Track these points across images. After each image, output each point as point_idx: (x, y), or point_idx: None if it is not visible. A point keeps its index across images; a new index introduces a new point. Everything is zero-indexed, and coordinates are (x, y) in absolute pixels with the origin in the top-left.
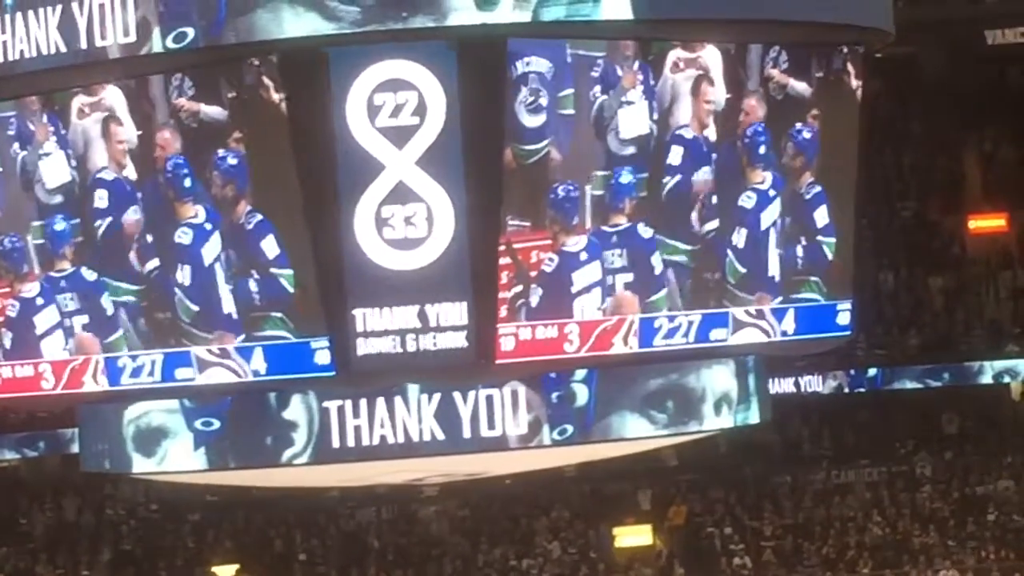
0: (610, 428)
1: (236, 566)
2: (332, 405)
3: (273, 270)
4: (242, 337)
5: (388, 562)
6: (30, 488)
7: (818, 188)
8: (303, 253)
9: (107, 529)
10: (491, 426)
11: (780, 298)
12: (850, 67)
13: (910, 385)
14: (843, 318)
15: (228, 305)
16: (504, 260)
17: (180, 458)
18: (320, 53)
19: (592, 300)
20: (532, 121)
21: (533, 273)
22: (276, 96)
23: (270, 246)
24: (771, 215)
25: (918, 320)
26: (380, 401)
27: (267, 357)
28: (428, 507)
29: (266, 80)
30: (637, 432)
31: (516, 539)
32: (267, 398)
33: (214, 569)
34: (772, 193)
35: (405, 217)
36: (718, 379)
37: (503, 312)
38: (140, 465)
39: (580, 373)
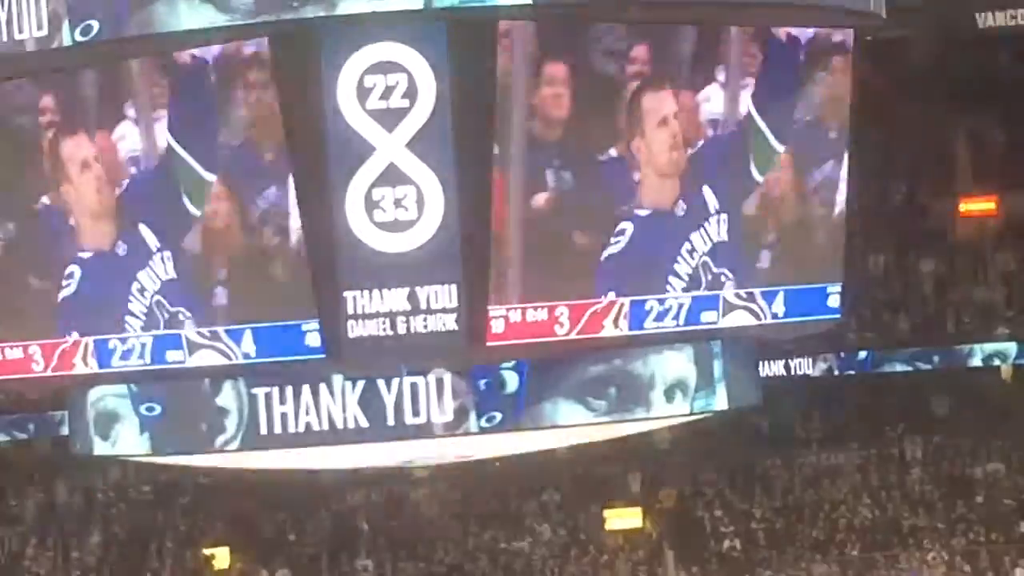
0: (542, 415)
1: (226, 548)
2: (260, 392)
3: None
4: None
5: (378, 545)
6: (20, 470)
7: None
8: None
9: (97, 511)
10: (415, 413)
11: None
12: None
13: (900, 368)
14: (833, 300)
15: None
16: None
17: (128, 442)
18: (311, 35)
19: None
20: None
21: None
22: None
23: None
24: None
25: (908, 303)
26: (305, 388)
27: (257, 339)
28: (418, 490)
29: None
30: (572, 419)
31: (506, 521)
32: (202, 384)
33: (204, 551)
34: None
35: (395, 199)
36: (670, 365)
37: None
38: (99, 447)
39: (510, 360)
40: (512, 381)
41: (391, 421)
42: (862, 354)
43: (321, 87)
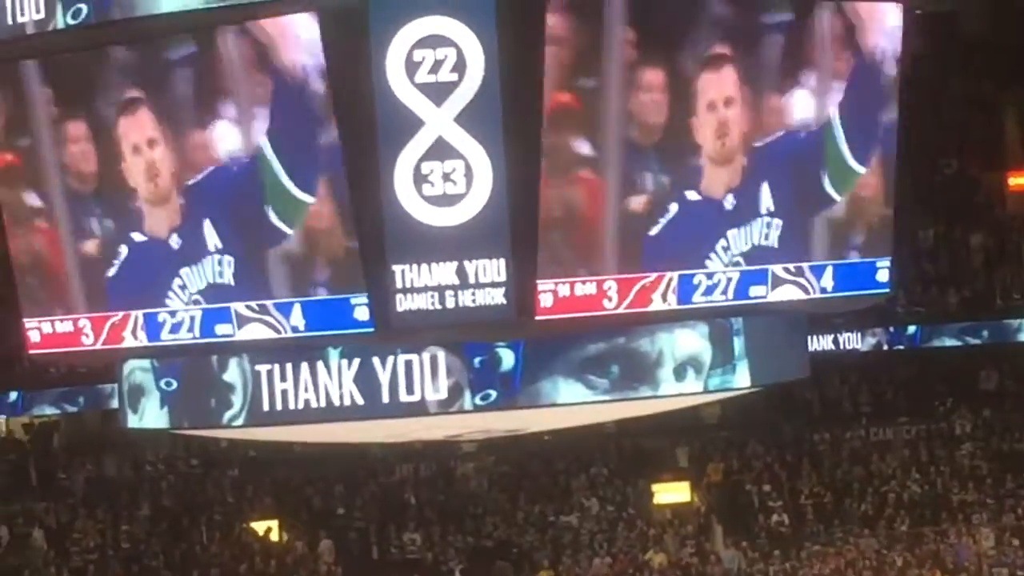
0: (539, 393)
1: (275, 521)
2: (263, 369)
3: None
4: None
5: (426, 518)
6: (70, 443)
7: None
8: None
9: (146, 484)
10: (410, 391)
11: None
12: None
13: (949, 342)
14: (882, 275)
15: None
16: None
17: (152, 416)
18: (359, 9)
19: None
20: None
21: None
22: None
23: None
24: None
25: (957, 277)
26: (304, 366)
27: (306, 313)
28: (467, 463)
29: None
30: (572, 397)
31: (555, 495)
32: (211, 360)
33: (252, 524)
34: None
35: (444, 173)
36: (681, 342)
37: None
38: (131, 420)
39: None
40: (508, 359)
41: (386, 399)
42: (911, 329)
43: (370, 62)
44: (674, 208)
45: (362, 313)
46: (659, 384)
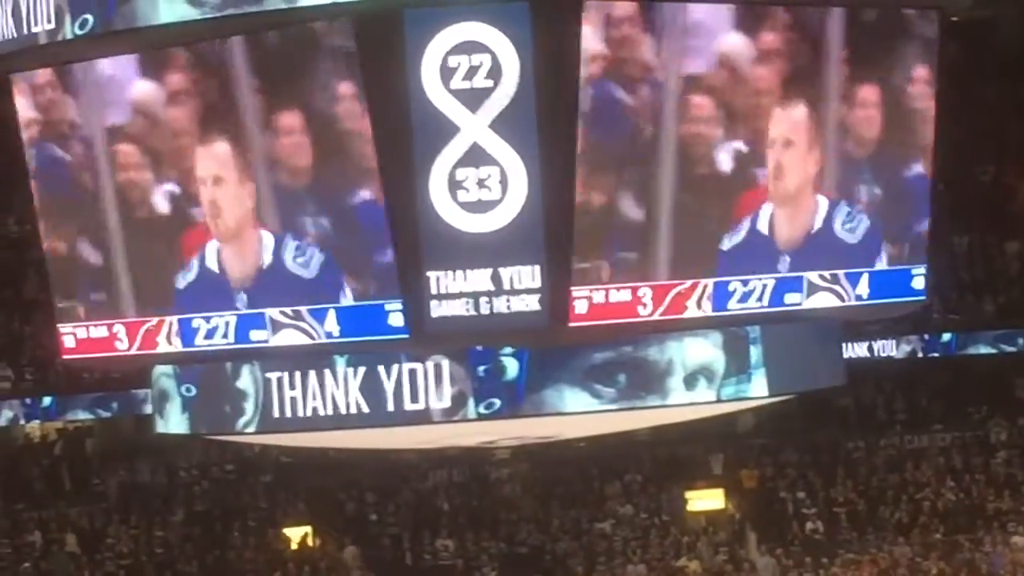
0: (544, 402)
1: (308, 527)
2: (273, 376)
3: None
4: None
5: (460, 524)
6: (103, 448)
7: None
8: None
9: (180, 489)
10: (414, 399)
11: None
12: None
13: (984, 350)
14: (918, 283)
15: None
16: None
17: (175, 421)
18: (395, 16)
19: None
20: None
21: None
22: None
23: None
24: None
25: (993, 285)
26: (312, 374)
27: (340, 319)
28: (500, 470)
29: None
30: (577, 406)
31: (589, 502)
32: (225, 367)
33: (286, 530)
34: None
35: (479, 180)
36: (692, 351)
37: None
38: (159, 425)
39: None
40: (512, 367)
41: (391, 407)
42: (946, 336)
43: (405, 68)
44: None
45: (396, 319)
46: (668, 393)
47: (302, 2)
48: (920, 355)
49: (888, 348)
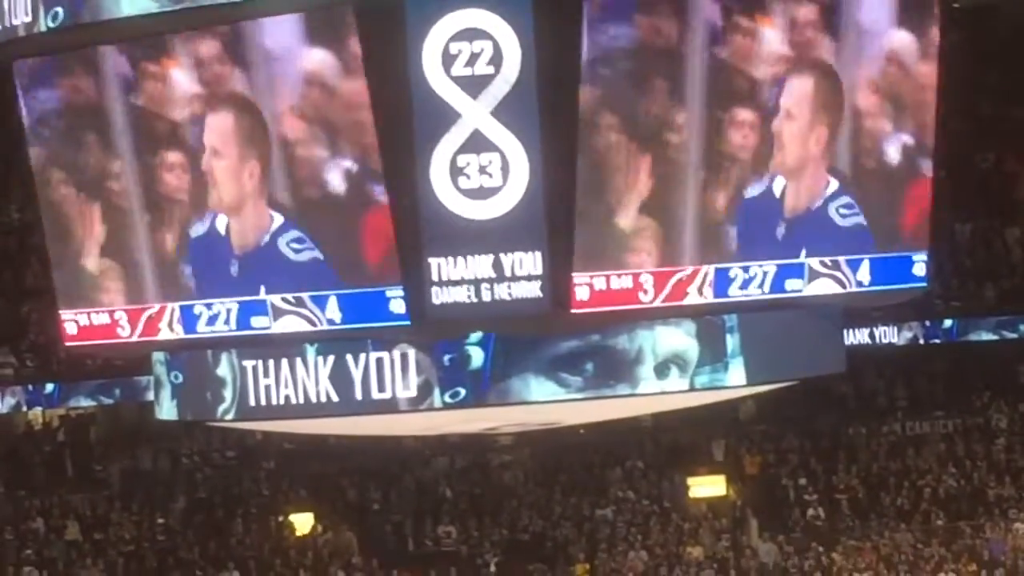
0: (509, 391)
1: (310, 514)
2: (249, 364)
3: None
4: None
5: (462, 511)
6: (106, 435)
7: None
8: None
9: (182, 476)
10: (381, 388)
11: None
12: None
13: (986, 336)
14: (919, 269)
15: None
16: None
17: (166, 407)
18: (397, 3)
19: None
20: None
21: None
22: None
23: None
24: None
25: (994, 271)
26: (284, 362)
27: (342, 306)
28: (502, 457)
29: None
30: (543, 395)
31: (590, 489)
32: (206, 355)
33: (288, 517)
34: None
35: (480, 166)
36: (663, 340)
37: None
38: (157, 411)
39: (475, 336)
40: (477, 356)
41: (359, 395)
42: (948, 322)
43: (407, 54)
44: None
45: (398, 306)
46: (639, 382)
47: None
48: (921, 341)
49: (889, 334)
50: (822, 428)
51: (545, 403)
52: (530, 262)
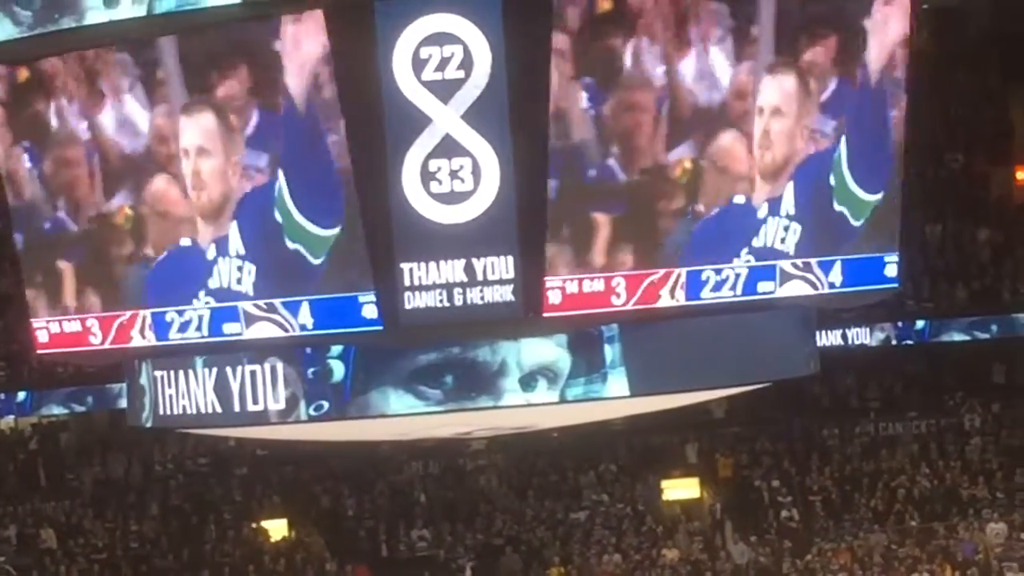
0: (369, 404)
1: (284, 520)
2: (159, 374)
3: None
4: None
5: (436, 516)
6: (78, 443)
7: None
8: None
9: (155, 484)
10: (255, 401)
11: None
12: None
13: (958, 337)
14: (890, 270)
15: None
16: None
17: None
18: (365, 7)
19: None
20: None
21: None
22: None
23: None
24: None
25: (966, 272)
26: (181, 374)
27: (314, 311)
28: (476, 461)
29: None
30: (402, 408)
31: (564, 492)
32: (134, 364)
33: (262, 523)
34: None
35: (452, 171)
36: (529, 352)
37: None
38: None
39: (336, 349)
40: (339, 370)
41: (237, 407)
42: (920, 323)
43: (377, 59)
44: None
45: (370, 311)
46: (502, 394)
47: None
48: (894, 342)
49: (862, 335)
50: (795, 430)
51: (402, 416)
52: (502, 266)
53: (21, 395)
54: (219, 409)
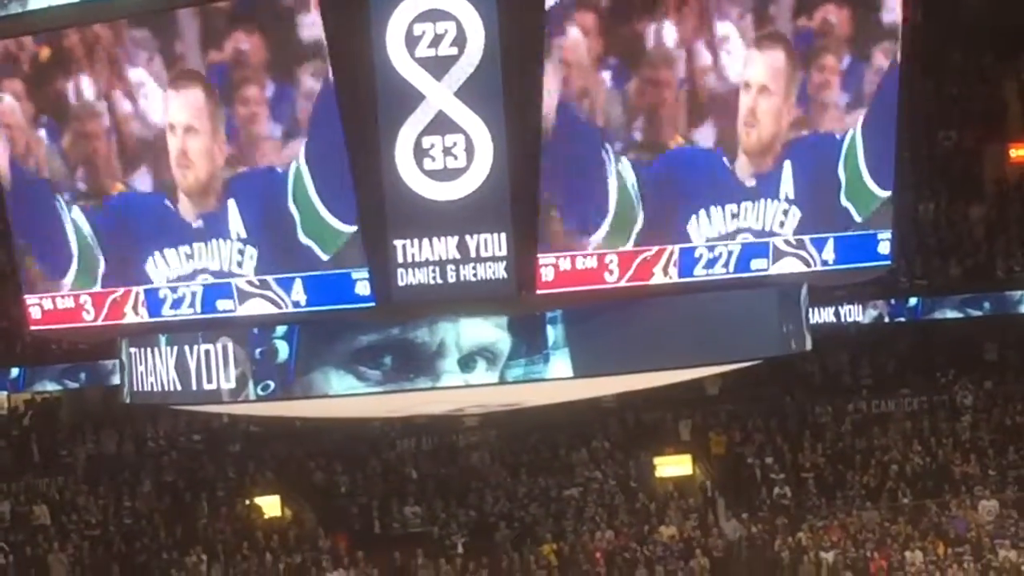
0: (311, 385)
1: (277, 497)
2: (133, 351)
3: None
4: None
5: (428, 492)
6: (72, 419)
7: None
8: None
9: (148, 460)
10: (209, 379)
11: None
12: None
13: (951, 314)
14: (883, 247)
15: None
16: None
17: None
18: None
19: None
20: None
21: None
22: None
23: None
24: None
25: (959, 249)
26: (149, 352)
27: (307, 288)
28: (468, 437)
29: None
30: (343, 389)
31: (556, 469)
32: (118, 340)
33: (255, 500)
34: None
35: (445, 148)
36: (468, 333)
37: None
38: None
39: (281, 329)
40: (283, 350)
41: (194, 386)
42: (913, 301)
43: (370, 36)
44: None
45: (363, 288)
46: (440, 375)
47: None
48: (887, 320)
49: (855, 313)
50: (788, 407)
51: (344, 396)
52: (495, 243)
53: (14, 371)
54: (179, 387)
